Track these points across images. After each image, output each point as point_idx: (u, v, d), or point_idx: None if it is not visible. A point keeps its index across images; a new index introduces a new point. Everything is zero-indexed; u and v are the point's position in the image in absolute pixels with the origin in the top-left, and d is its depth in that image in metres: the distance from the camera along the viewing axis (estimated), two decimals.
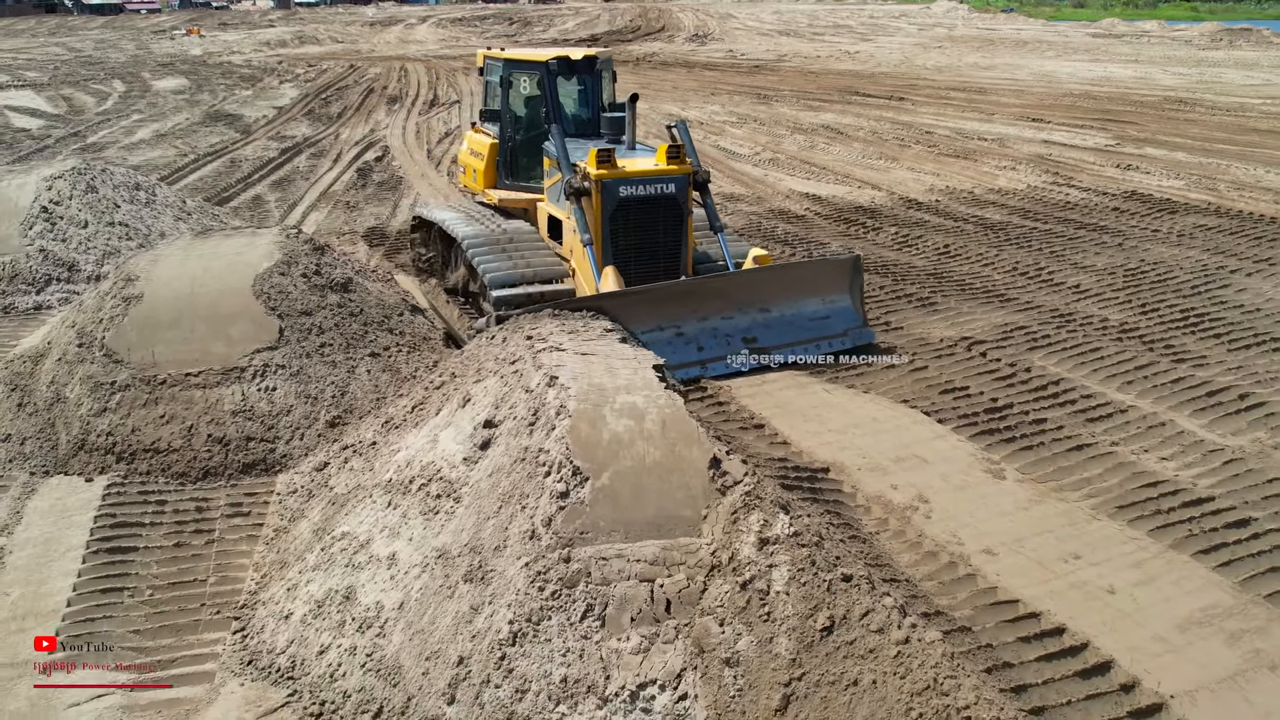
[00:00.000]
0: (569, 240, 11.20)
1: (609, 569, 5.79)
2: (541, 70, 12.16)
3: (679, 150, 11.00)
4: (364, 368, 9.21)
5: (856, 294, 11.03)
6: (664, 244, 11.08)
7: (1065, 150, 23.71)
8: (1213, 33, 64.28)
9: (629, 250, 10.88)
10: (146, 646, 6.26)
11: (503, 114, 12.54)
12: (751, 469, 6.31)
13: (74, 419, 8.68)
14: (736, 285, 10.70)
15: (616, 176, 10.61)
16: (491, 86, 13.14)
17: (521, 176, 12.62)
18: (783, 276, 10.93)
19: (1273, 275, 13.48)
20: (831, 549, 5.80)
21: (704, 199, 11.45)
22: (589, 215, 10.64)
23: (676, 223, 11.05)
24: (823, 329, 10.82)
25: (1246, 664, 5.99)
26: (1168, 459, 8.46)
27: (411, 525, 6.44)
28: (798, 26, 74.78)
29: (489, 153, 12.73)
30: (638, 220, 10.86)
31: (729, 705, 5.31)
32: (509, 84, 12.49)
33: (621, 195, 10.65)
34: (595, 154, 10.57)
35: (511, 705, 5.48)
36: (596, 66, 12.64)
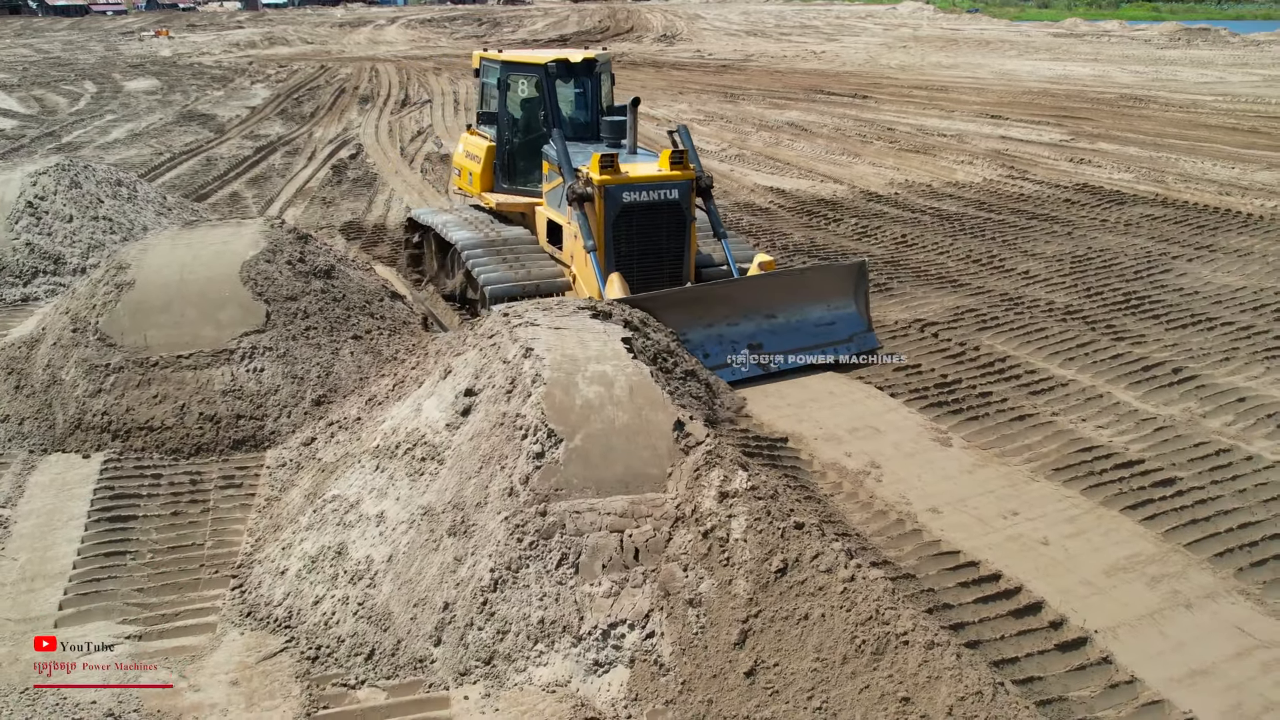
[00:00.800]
0: (569, 246, 11.17)
1: (582, 521, 6.31)
2: (540, 72, 12.09)
3: (682, 156, 10.95)
4: (347, 349, 9.67)
5: (861, 299, 10.95)
6: (667, 250, 11.01)
7: (1021, 145, 24.44)
8: (1171, 32, 65.50)
9: (632, 256, 10.79)
10: (150, 603, 6.70)
11: (500, 116, 12.46)
12: (712, 430, 6.85)
13: (70, 400, 9.09)
14: (742, 291, 10.56)
15: (620, 182, 10.54)
16: (488, 89, 13.04)
17: (519, 180, 12.56)
18: (788, 283, 10.80)
19: (1212, 261, 14.17)
20: (786, 501, 6.33)
21: (707, 205, 11.38)
22: (592, 221, 10.55)
23: (680, 229, 10.99)
24: (828, 335, 10.72)
25: (1164, 603, 6.57)
26: (1103, 427, 9.06)
27: (398, 486, 6.92)
28: (765, 27, 75.48)
29: (486, 156, 12.67)
30: (641, 226, 10.79)
31: (692, 641, 5.82)
32: (507, 86, 12.39)
33: (625, 201, 10.59)
34: (598, 159, 10.49)
35: (493, 645, 5.99)
36: (596, 69, 12.58)
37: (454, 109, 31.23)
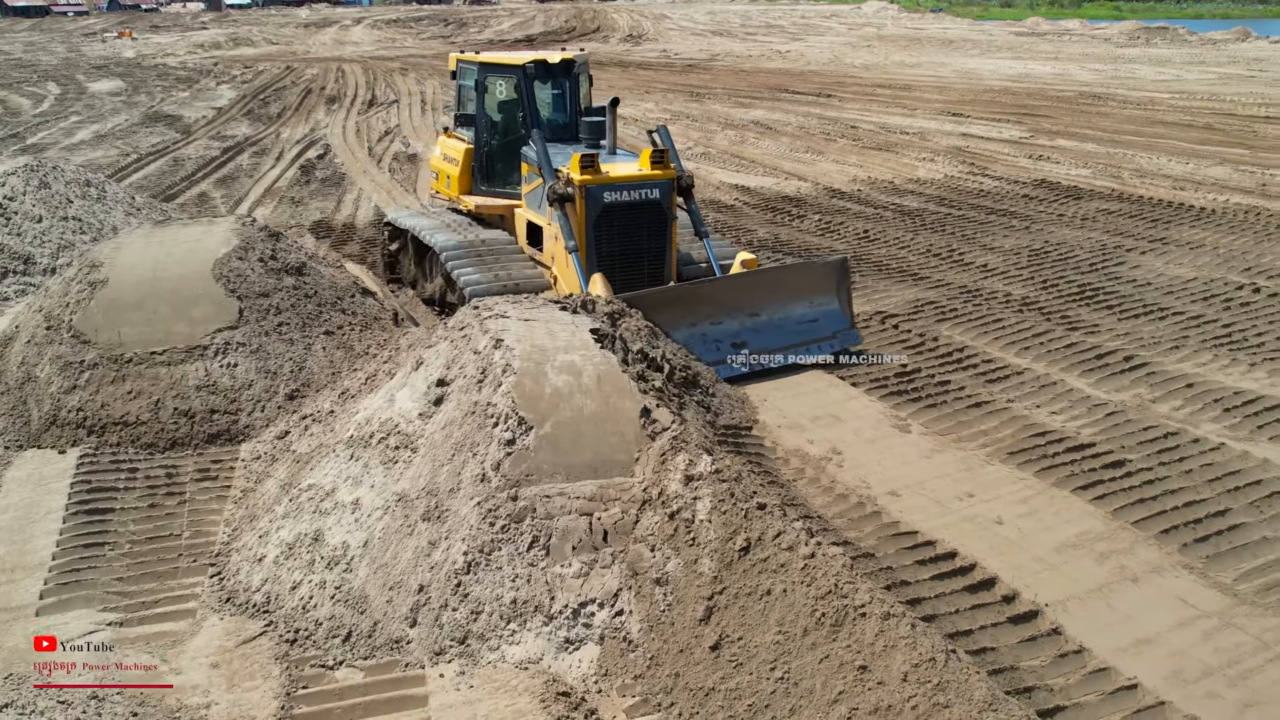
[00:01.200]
0: (550, 247, 11.13)
1: (552, 505, 6.54)
2: (519, 74, 12.03)
3: (663, 155, 10.91)
4: (320, 345, 9.83)
5: (844, 296, 10.93)
6: (648, 250, 10.98)
7: (982, 142, 24.85)
8: (1131, 31, 66.43)
9: (613, 256, 10.75)
10: (130, 591, 6.85)
11: (478, 119, 12.38)
12: (678, 416, 7.08)
13: (45, 396, 9.20)
14: (724, 290, 10.54)
15: (600, 182, 10.52)
16: (465, 90, 12.88)
17: (498, 182, 12.52)
18: (771, 280, 10.78)
19: (1164, 253, 14.56)
20: (749, 484, 6.57)
21: (688, 204, 11.36)
22: (573, 222, 10.52)
23: (661, 228, 10.97)
24: (811, 332, 10.72)
25: (1112, 578, 6.86)
26: (1057, 413, 9.37)
27: (373, 474, 7.10)
28: (730, 27, 75.86)
29: (464, 158, 12.62)
30: (622, 226, 10.76)
31: (659, 618, 6.06)
32: (484, 88, 12.32)
33: (606, 201, 10.56)
34: (578, 159, 10.45)
35: (467, 625, 6.20)
36: (574, 70, 12.53)
37: (421, 109, 31.32)
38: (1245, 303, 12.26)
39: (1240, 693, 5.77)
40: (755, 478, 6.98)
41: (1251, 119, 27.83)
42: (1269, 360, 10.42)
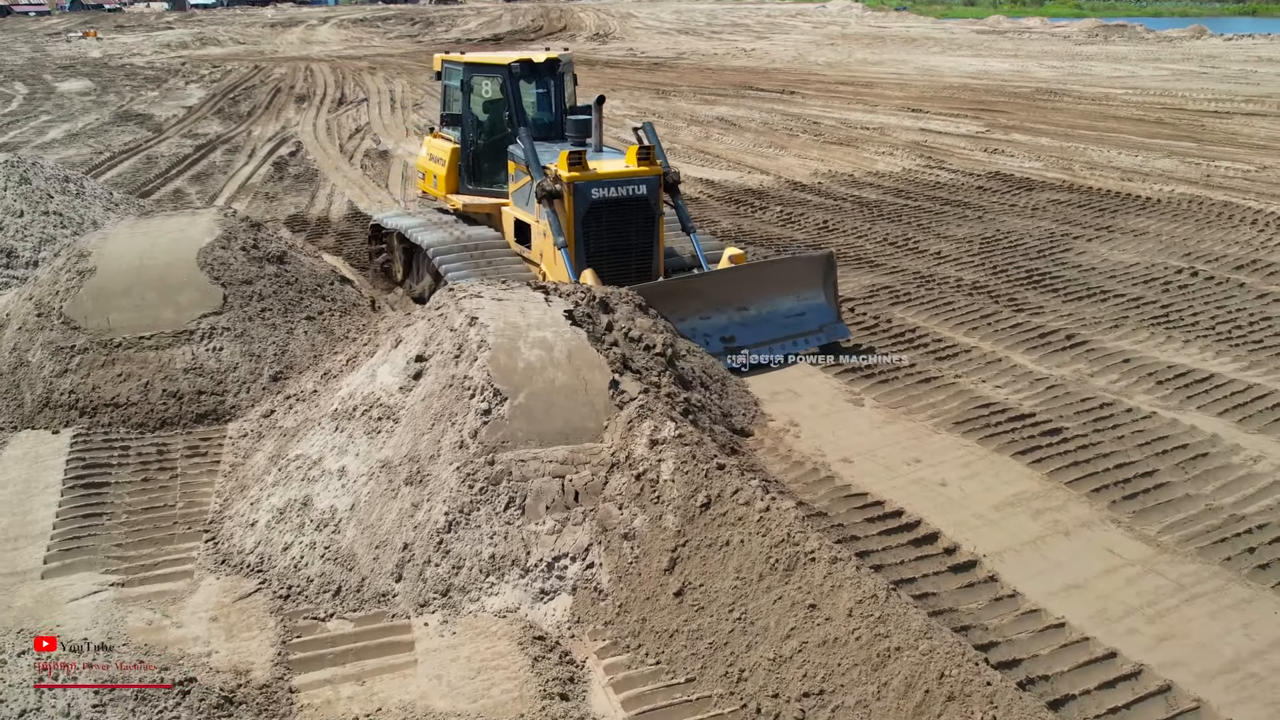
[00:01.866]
0: (538, 244, 11.30)
1: (526, 468, 7.03)
2: (504, 73, 12.11)
3: (649, 152, 11.06)
4: (301, 329, 10.26)
5: (830, 290, 11.03)
6: (636, 245, 11.14)
7: (939, 137, 25.54)
8: (1090, 29, 67.53)
9: (601, 252, 10.87)
10: (129, 556, 7.28)
11: (464, 118, 12.52)
12: (645, 387, 7.59)
13: (37, 380, 9.59)
14: (713, 285, 10.64)
15: (588, 179, 10.66)
16: (451, 90, 12.99)
17: (484, 181, 12.65)
18: (758, 275, 10.90)
19: (1110, 240, 15.22)
20: (709, 448, 7.10)
21: (674, 200, 11.53)
22: (562, 218, 10.66)
23: (648, 224, 11.11)
24: (799, 325, 10.84)
25: (1046, 531, 7.44)
26: (1001, 387, 9.95)
27: (357, 444, 7.56)
28: (697, 25, 76.40)
29: (450, 158, 12.73)
30: (610, 222, 10.90)
31: (627, 569, 6.57)
32: (470, 88, 12.43)
33: (594, 198, 10.70)
34: (566, 156, 10.62)
35: (449, 579, 6.68)
36: (559, 69, 12.65)
37: (390, 107, 31.66)
38: (1183, 285, 12.92)
39: (1157, 629, 6.34)
40: (715, 444, 7.50)
41: (1201, 113, 28.68)
42: (1201, 338, 11.06)
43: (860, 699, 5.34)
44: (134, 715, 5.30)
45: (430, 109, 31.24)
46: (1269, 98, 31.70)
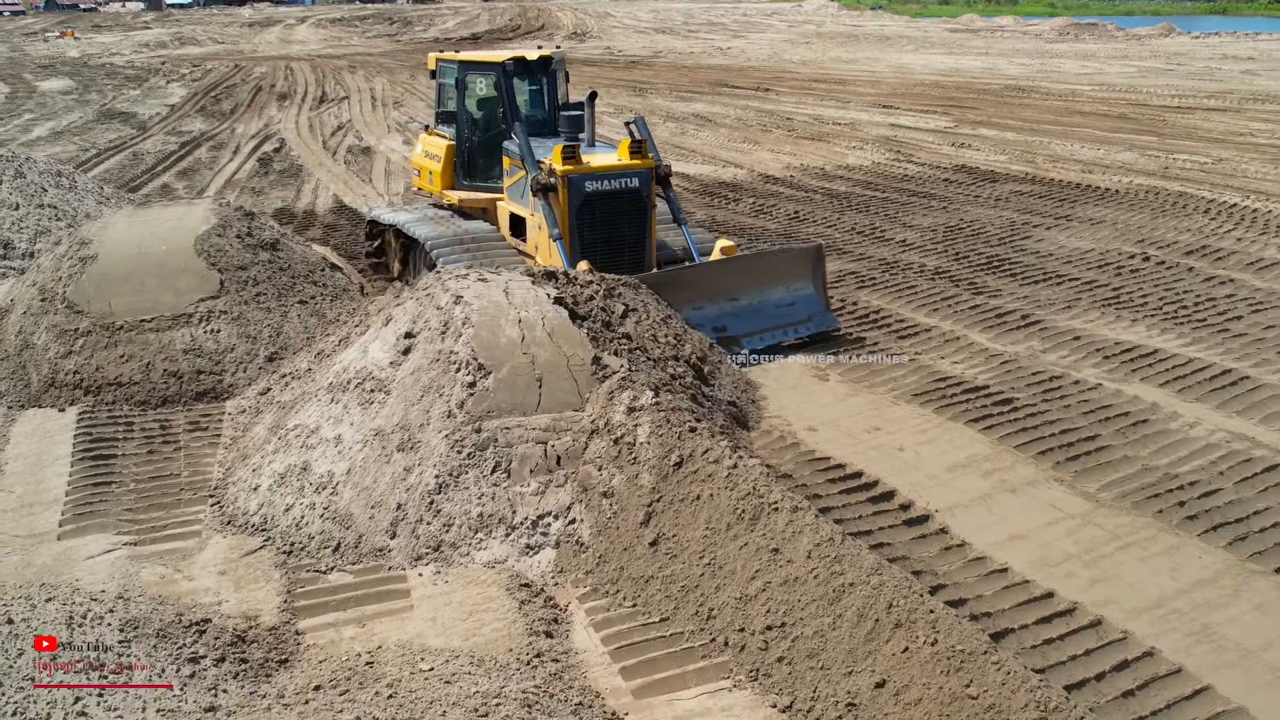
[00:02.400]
0: (534, 236, 11.56)
1: (511, 435, 7.58)
2: (498, 71, 12.36)
3: (641, 146, 11.30)
4: (295, 312, 10.77)
5: (819, 281, 11.31)
6: (629, 237, 11.40)
7: (909, 132, 26.19)
8: (1061, 27, 68.45)
9: (595, 244, 11.12)
10: (140, 519, 7.79)
11: (459, 115, 12.78)
12: (628, 360, 8.15)
13: (43, 361, 10.06)
14: (706, 276, 10.90)
15: (582, 172, 10.92)
16: (446, 89, 13.33)
17: (479, 177, 12.90)
18: (750, 266, 11.18)
19: (1068, 228, 15.88)
20: (683, 414, 7.65)
21: (666, 192, 11.77)
22: (556, 211, 10.91)
23: (641, 216, 11.39)
24: (789, 315, 11.10)
25: (993, 489, 8.03)
26: (958, 362, 10.56)
27: (352, 414, 8.08)
28: (673, 24, 76.97)
29: (446, 154, 12.99)
30: (603, 214, 11.15)
31: (606, 524, 7.11)
32: (465, 85, 12.73)
33: (588, 190, 10.96)
34: (560, 150, 10.85)
35: (440, 536, 7.22)
36: (551, 66, 12.92)
37: (371, 105, 32.10)
38: (1135, 270, 13.57)
39: (1092, 572, 6.93)
40: (688, 410, 8.06)
41: (1164, 109, 29.45)
42: (1149, 317, 11.70)
43: (817, 629, 5.90)
44: (156, 650, 5.80)
45: (410, 106, 31.72)
46: (1230, 94, 32.52)
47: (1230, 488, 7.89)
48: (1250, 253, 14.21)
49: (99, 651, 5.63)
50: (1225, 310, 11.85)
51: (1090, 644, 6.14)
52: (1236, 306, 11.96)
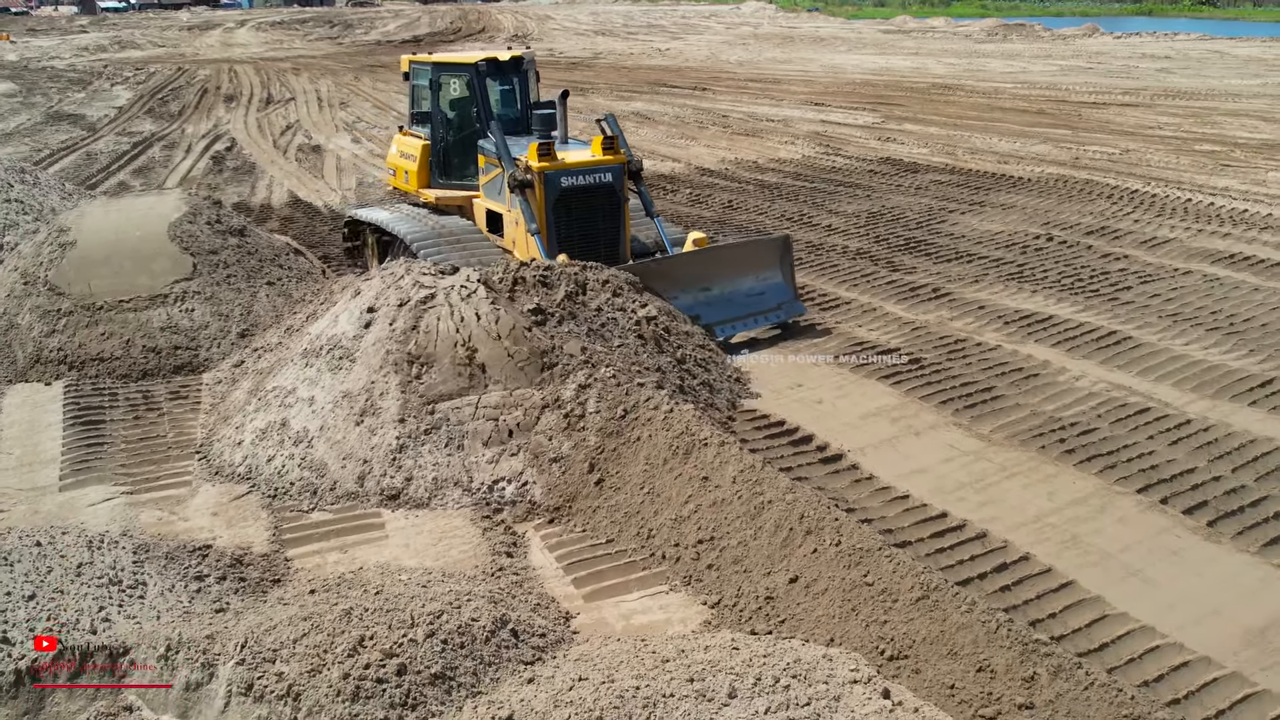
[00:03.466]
0: (510, 232, 11.90)
1: (462, 414, 8.45)
2: (471, 71, 12.76)
3: (613, 142, 11.68)
4: (263, 293, 11.58)
5: (787, 270, 11.72)
6: (604, 230, 11.71)
7: (838, 128, 27.41)
8: (990, 28, 70.32)
9: (571, 238, 11.41)
10: (134, 472, 8.60)
11: (434, 116, 13.13)
12: (581, 348, 9.06)
13: (27, 340, 10.79)
14: (679, 267, 11.23)
15: (557, 168, 11.23)
16: (420, 90, 13.64)
17: (454, 175, 13.26)
18: (721, 257, 11.55)
19: (981, 213, 17.08)
20: (630, 377, 8.62)
21: (638, 187, 12.14)
22: (534, 206, 11.22)
23: (614, 210, 11.71)
24: (759, 304, 11.49)
25: (899, 433, 9.08)
26: (874, 329, 11.64)
27: (323, 378, 8.92)
28: (613, 27, 77.93)
29: (421, 154, 13.33)
30: (578, 209, 11.47)
31: (556, 483, 8.03)
32: (438, 86, 13.05)
33: (563, 186, 11.25)
34: (535, 148, 11.14)
35: (403, 488, 8.08)
36: (523, 66, 13.29)
37: (318, 106, 32.72)
38: (1039, 249, 14.77)
39: (981, 497, 7.99)
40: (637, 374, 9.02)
41: (1080, 105, 30.95)
42: (1048, 289, 12.86)
43: (741, 540, 6.89)
44: (165, 570, 6.65)
45: (355, 107, 32.40)
46: (1143, 90, 34.15)
47: (1105, 427, 9.01)
48: (1145, 233, 15.48)
49: (116, 570, 6.48)
50: (1116, 282, 13.05)
51: (976, 551, 7.19)
52: (1127, 279, 13.17)
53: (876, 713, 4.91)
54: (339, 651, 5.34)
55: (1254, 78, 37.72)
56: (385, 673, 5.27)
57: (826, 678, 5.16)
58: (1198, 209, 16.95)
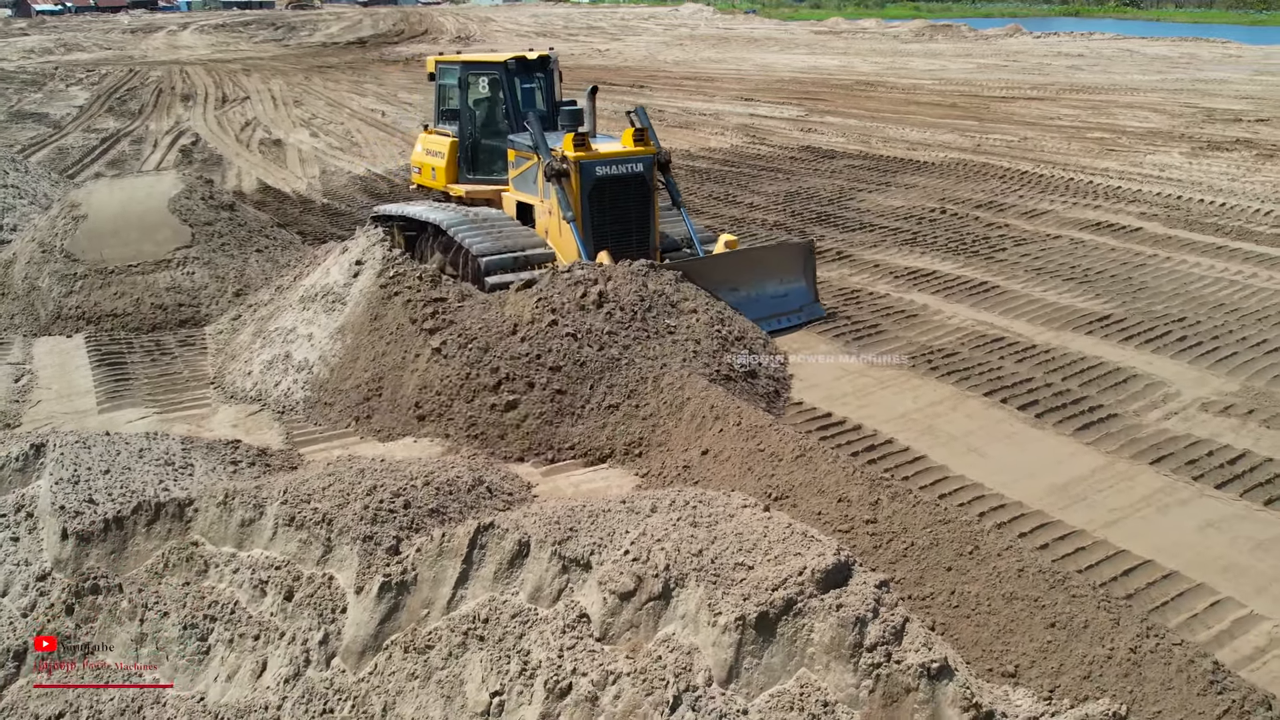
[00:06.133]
0: (542, 222, 12.34)
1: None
2: (500, 70, 13.25)
3: (644, 134, 12.12)
4: (253, 259, 13.27)
5: (810, 274, 12.18)
6: (635, 219, 12.14)
7: (765, 120, 29.50)
8: (918, 29, 73.04)
9: (604, 226, 11.84)
10: (159, 399, 10.29)
11: (462, 113, 13.61)
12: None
13: (49, 299, 12.41)
14: (712, 268, 11.57)
15: (593, 158, 11.66)
16: (448, 88, 14.15)
17: (482, 170, 13.69)
18: (751, 260, 12.00)
19: (886, 192, 19.16)
20: None
21: (666, 178, 12.53)
22: (569, 195, 11.59)
23: (645, 199, 12.15)
24: (782, 305, 11.95)
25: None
26: None
27: (319, 318, 10.67)
28: (554, 28, 79.72)
29: (450, 151, 13.78)
30: (611, 198, 11.86)
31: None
32: (467, 85, 13.59)
33: (598, 174, 11.65)
34: (571, 138, 11.58)
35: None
36: (549, 65, 13.74)
37: (273, 105, 34.17)
38: (933, 220, 16.83)
39: (861, 401, 9.91)
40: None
41: (990, 99, 33.29)
42: (936, 251, 14.90)
43: (666, 430, 8.76)
44: (208, 456, 8.37)
45: (309, 105, 33.89)
46: (1051, 85, 36.63)
47: (966, 351, 11.00)
48: (1027, 206, 17.63)
49: (169, 455, 8.20)
50: (995, 245, 15.13)
51: (852, 438, 9.09)
52: (1004, 242, 15.25)
53: (759, 520, 6.78)
54: (359, 492, 7.12)
55: (1156, 74, 40.42)
56: (395, 506, 7.05)
57: (724, 503, 7.03)
58: (1077, 186, 19.15)
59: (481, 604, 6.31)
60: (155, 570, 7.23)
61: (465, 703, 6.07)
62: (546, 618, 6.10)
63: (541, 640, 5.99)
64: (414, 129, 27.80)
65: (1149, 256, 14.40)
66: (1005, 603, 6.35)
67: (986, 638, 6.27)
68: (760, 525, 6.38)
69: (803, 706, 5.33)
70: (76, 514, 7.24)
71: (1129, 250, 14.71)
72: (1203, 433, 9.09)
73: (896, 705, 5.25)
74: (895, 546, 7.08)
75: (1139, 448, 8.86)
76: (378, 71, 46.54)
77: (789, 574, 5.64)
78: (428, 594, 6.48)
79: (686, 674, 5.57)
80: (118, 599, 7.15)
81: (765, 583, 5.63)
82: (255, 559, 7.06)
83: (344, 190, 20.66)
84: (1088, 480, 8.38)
